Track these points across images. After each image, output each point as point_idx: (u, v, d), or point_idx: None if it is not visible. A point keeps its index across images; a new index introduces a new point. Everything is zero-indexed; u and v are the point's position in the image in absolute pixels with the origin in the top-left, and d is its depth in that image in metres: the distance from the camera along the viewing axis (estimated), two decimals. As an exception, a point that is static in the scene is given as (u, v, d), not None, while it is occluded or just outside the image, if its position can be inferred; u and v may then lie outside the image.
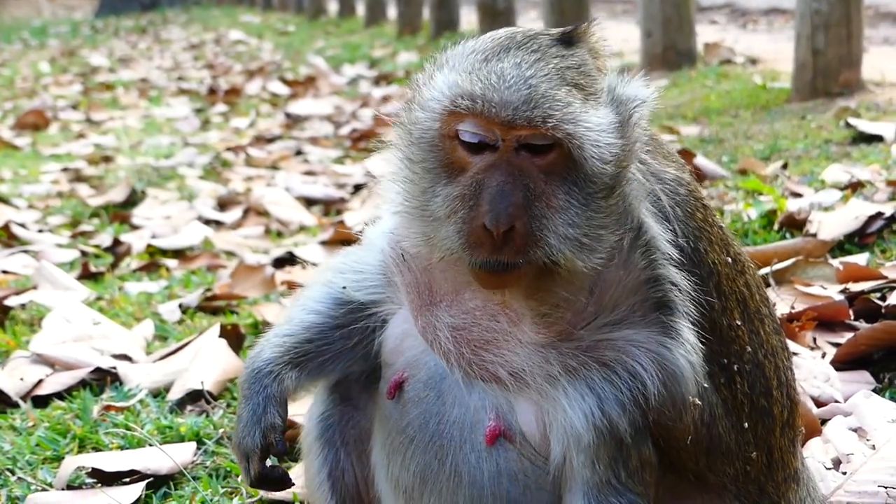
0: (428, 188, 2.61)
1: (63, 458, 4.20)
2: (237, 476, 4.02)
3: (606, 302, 2.63)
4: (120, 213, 8.65)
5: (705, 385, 2.65)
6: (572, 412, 2.61)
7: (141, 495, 3.93)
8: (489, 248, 2.51)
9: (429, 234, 2.61)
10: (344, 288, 2.93)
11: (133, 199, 9.08)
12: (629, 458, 2.63)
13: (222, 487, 3.95)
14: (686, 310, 2.63)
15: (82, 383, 4.91)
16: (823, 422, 3.86)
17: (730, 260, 2.76)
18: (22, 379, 4.89)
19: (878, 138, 7.79)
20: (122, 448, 4.27)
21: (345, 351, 2.93)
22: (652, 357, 2.60)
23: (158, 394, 4.78)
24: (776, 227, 5.81)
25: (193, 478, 4.03)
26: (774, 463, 2.82)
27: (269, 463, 2.87)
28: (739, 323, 2.73)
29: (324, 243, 7.04)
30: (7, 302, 6.00)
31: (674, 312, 2.62)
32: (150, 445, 4.21)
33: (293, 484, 2.94)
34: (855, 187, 6.29)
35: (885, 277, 4.90)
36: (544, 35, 2.64)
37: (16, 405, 4.77)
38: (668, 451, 2.67)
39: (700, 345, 2.64)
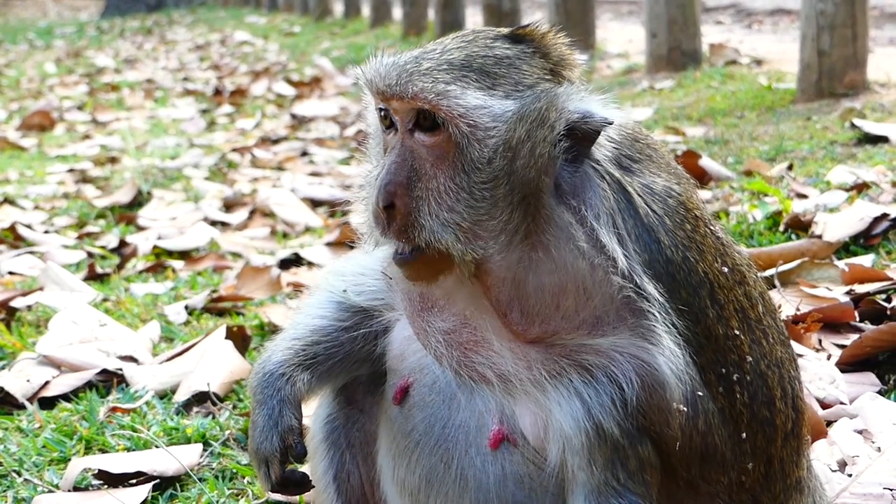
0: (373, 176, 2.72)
1: (69, 459, 4.21)
2: (244, 478, 4.03)
3: (567, 308, 2.62)
4: (126, 214, 8.66)
5: (700, 393, 2.64)
6: (560, 416, 2.62)
7: (147, 497, 3.93)
8: (380, 228, 2.61)
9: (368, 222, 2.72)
10: (344, 291, 2.94)
11: (139, 201, 9.09)
12: (627, 459, 2.62)
13: (228, 489, 3.96)
14: (667, 317, 2.62)
15: (89, 385, 4.92)
16: (829, 424, 3.86)
17: (726, 270, 2.73)
18: (28, 380, 4.90)
19: (883, 139, 7.78)
20: (128, 450, 4.28)
21: (352, 353, 2.93)
22: (634, 364, 2.60)
23: (165, 395, 4.79)
24: (781, 228, 5.81)
25: (200, 479, 4.03)
26: (773, 473, 2.79)
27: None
28: (738, 332, 2.70)
29: (330, 244, 7.05)
30: (13, 303, 6.01)
31: (651, 319, 2.61)
32: (157, 447, 4.22)
33: (313, 486, 2.94)
34: (860, 188, 6.28)
35: (891, 279, 4.90)
36: (496, 31, 2.71)
37: (22, 407, 4.78)
38: (660, 456, 2.66)
39: (686, 352, 2.62)
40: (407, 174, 2.59)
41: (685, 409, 2.61)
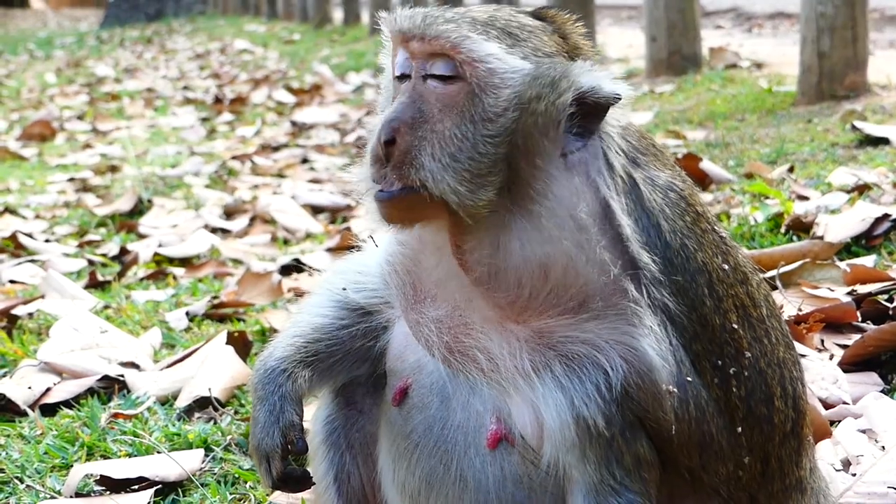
0: None
1: (71, 465, 4.21)
2: (246, 483, 4.02)
3: (555, 282, 2.61)
4: (127, 222, 8.65)
5: (689, 379, 2.62)
6: (547, 410, 2.61)
7: (149, 502, 3.93)
8: (377, 165, 2.60)
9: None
10: (344, 289, 2.94)
11: (140, 209, 9.08)
12: (622, 457, 2.60)
13: (231, 494, 3.95)
14: (658, 296, 2.62)
15: (90, 391, 4.91)
16: (833, 423, 3.85)
17: (726, 267, 2.73)
18: (30, 387, 4.90)
19: (884, 141, 7.78)
20: (130, 455, 4.28)
21: (353, 351, 2.93)
22: (619, 349, 2.59)
23: (166, 401, 4.78)
24: (783, 230, 5.81)
25: (202, 485, 4.03)
26: (770, 472, 2.77)
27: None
28: (736, 326, 2.70)
29: (330, 250, 7.05)
30: (15, 311, 6.00)
31: (637, 300, 2.60)
32: (159, 453, 4.22)
33: (314, 483, 2.93)
34: (861, 190, 6.28)
35: (892, 279, 4.90)
36: (520, 8, 2.76)
37: (24, 414, 4.78)
38: (662, 447, 2.65)
39: (674, 334, 2.62)
40: (412, 114, 2.59)
41: (674, 389, 2.60)
